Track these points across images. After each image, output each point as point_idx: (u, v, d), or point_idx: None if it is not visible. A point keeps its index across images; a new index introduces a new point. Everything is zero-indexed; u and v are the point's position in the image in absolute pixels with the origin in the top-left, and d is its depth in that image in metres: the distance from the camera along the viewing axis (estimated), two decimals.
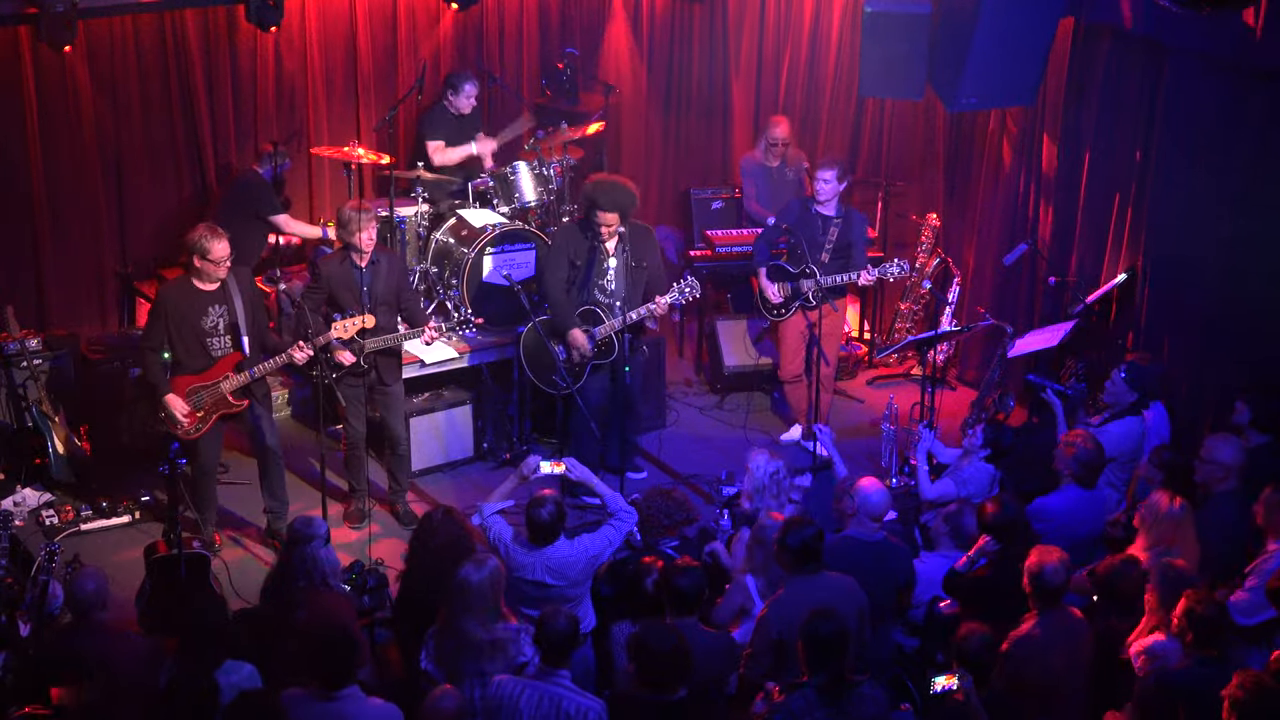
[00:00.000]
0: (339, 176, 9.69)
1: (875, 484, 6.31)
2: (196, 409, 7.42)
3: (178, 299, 7.36)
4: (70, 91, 8.84)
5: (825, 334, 8.79)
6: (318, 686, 5.12)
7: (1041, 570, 5.62)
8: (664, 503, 6.54)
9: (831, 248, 8.67)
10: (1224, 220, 7.56)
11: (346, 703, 5.13)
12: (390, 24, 10.06)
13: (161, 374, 7.38)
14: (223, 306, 7.38)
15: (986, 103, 8.75)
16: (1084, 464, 6.70)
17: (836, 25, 10.48)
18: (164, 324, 7.35)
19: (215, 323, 7.38)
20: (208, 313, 7.36)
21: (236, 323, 7.40)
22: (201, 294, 7.35)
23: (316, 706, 5.10)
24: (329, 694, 5.11)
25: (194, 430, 7.44)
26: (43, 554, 6.46)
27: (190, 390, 7.40)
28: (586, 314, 8.14)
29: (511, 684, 5.31)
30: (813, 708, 5.12)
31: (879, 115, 10.49)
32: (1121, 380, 7.33)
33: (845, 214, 8.73)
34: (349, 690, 5.14)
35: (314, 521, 6.06)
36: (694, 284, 8.12)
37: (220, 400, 7.44)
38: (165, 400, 7.36)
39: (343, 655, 5.14)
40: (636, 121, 11.15)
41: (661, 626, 5.40)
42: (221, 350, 7.43)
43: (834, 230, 8.66)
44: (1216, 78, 7.51)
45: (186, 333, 7.34)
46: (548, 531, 6.15)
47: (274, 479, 7.78)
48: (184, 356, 7.38)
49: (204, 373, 7.42)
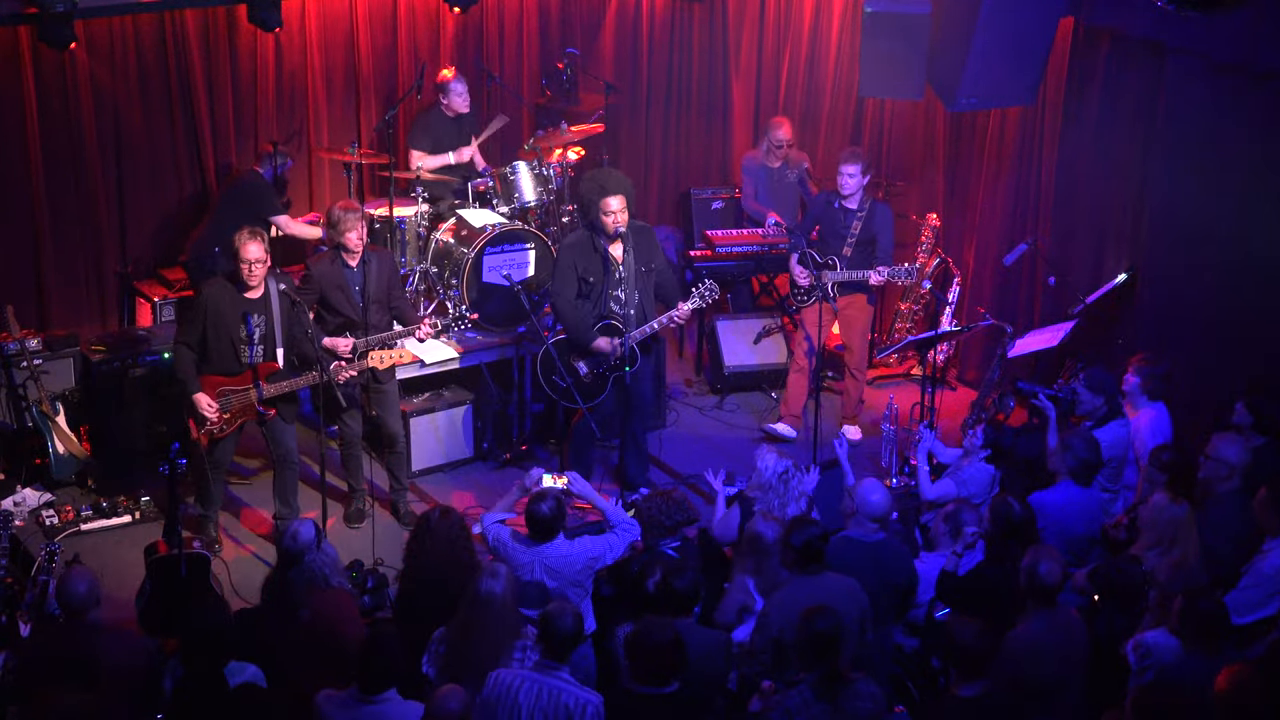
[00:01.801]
0: (339, 176, 9.69)
1: (876, 485, 6.31)
2: (224, 411, 7.40)
3: (220, 300, 7.35)
4: (70, 91, 8.84)
5: (850, 321, 8.87)
6: (358, 690, 5.13)
7: (1037, 569, 5.61)
8: (664, 503, 6.52)
9: (854, 241, 8.69)
10: (1224, 220, 7.57)
11: (388, 706, 5.13)
12: (390, 24, 10.06)
13: (192, 371, 7.37)
14: (261, 316, 7.38)
15: (986, 103, 8.75)
16: (1082, 461, 6.70)
17: (836, 25, 10.48)
18: (202, 322, 7.35)
19: (251, 331, 7.38)
20: (246, 321, 7.36)
21: (273, 334, 7.40)
22: (243, 300, 7.35)
23: (360, 710, 5.11)
24: (369, 698, 5.12)
25: (219, 431, 7.44)
26: (43, 554, 6.45)
27: (220, 392, 7.38)
28: (606, 329, 8.00)
29: (510, 676, 5.29)
30: (808, 705, 5.13)
31: (879, 115, 10.48)
32: (1083, 390, 7.31)
33: (870, 207, 8.75)
34: (389, 694, 5.15)
35: (300, 534, 5.96)
36: (713, 286, 8.07)
37: (248, 407, 7.43)
38: (195, 398, 7.34)
39: (385, 661, 5.14)
40: (636, 121, 11.15)
41: (656, 620, 5.39)
42: (254, 359, 7.42)
43: (856, 223, 8.68)
44: (1216, 78, 7.51)
45: (221, 335, 7.33)
46: (548, 527, 6.14)
47: (288, 487, 7.79)
48: (215, 357, 7.37)
49: (236, 377, 7.40)
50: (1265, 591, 5.94)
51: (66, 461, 8.28)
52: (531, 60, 10.81)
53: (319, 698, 5.18)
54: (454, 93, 9.46)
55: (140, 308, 9.27)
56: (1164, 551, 6.18)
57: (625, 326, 7.99)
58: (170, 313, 9.15)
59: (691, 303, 8.05)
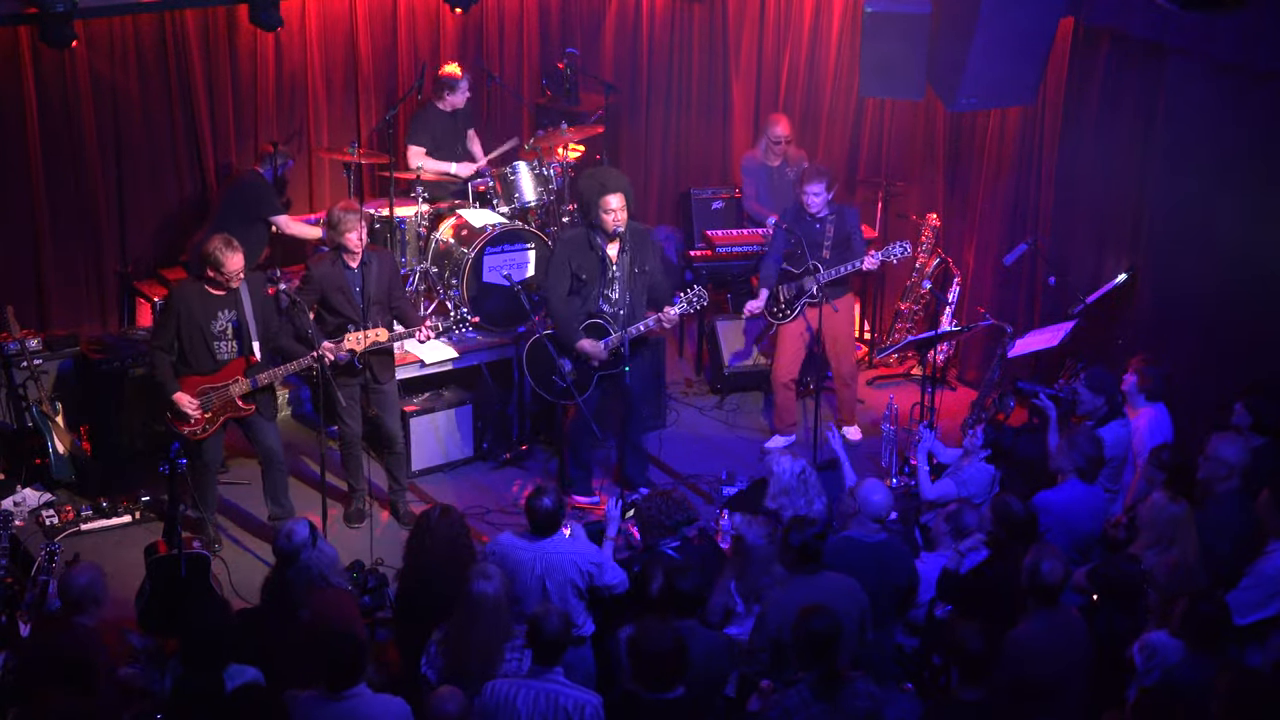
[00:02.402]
0: (339, 176, 9.69)
1: (877, 485, 6.30)
2: (205, 410, 7.43)
3: (189, 300, 7.38)
4: (70, 91, 8.84)
5: (835, 333, 8.82)
6: (326, 688, 5.12)
7: (1039, 568, 5.61)
8: (664, 503, 6.51)
9: (830, 243, 8.69)
10: (1224, 220, 7.56)
11: (356, 702, 5.13)
12: (390, 24, 10.06)
13: (170, 373, 7.40)
14: (232, 311, 7.41)
15: (986, 103, 8.75)
16: (1088, 458, 6.69)
17: (836, 25, 10.47)
18: (174, 324, 7.38)
19: (224, 326, 7.41)
20: (217, 316, 7.39)
21: (246, 327, 7.42)
22: (212, 297, 7.39)
23: (327, 707, 5.10)
24: (337, 695, 5.11)
25: (201, 431, 7.46)
26: (43, 554, 6.46)
27: (200, 391, 7.41)
28: (592, 327, 8.05)
29: (506, 685, 5.29)
30: (807, 704, 5.13)
31: (879, 115, 10.48)
32: (1083, 389, 7.31)
33: (837, 210, 8.77)
34: (357, 689, 5.14)
35: (294, 533, 5.96)
36: (701, 293, 8.06)
37: (229, 403, 7.46)
38: (175, 399, 7.37)
39: (348, 656, 5.13)
40: (636, 121, 11.15)
41: (658, 625, 5.38)
42: (228, 354, 7.45)
43: (829, 227, 8.68)
44: (1216, 78, 7.51)
45: (194, 334, 7.37)
46: (550, 521, 6.14)
47: (277, 486, 7.79)
48: (190, 357, 7.41)
49: (213, 374, 7.43)
50: (1266, 592, 5.93)
51: (66, 461, 8.28)
52: (531, 60, 10.81)
53: (287, 696, 5.16)
54: (461, 90, 9.48)
55: (140, 308, 9.27)
56: (1163, 550, 6.18)
57: (614, 326, 8.01)
58: None
59: (678, 308, 8.04)
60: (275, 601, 6.02)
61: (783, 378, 9.05)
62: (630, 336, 7.96)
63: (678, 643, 5.19)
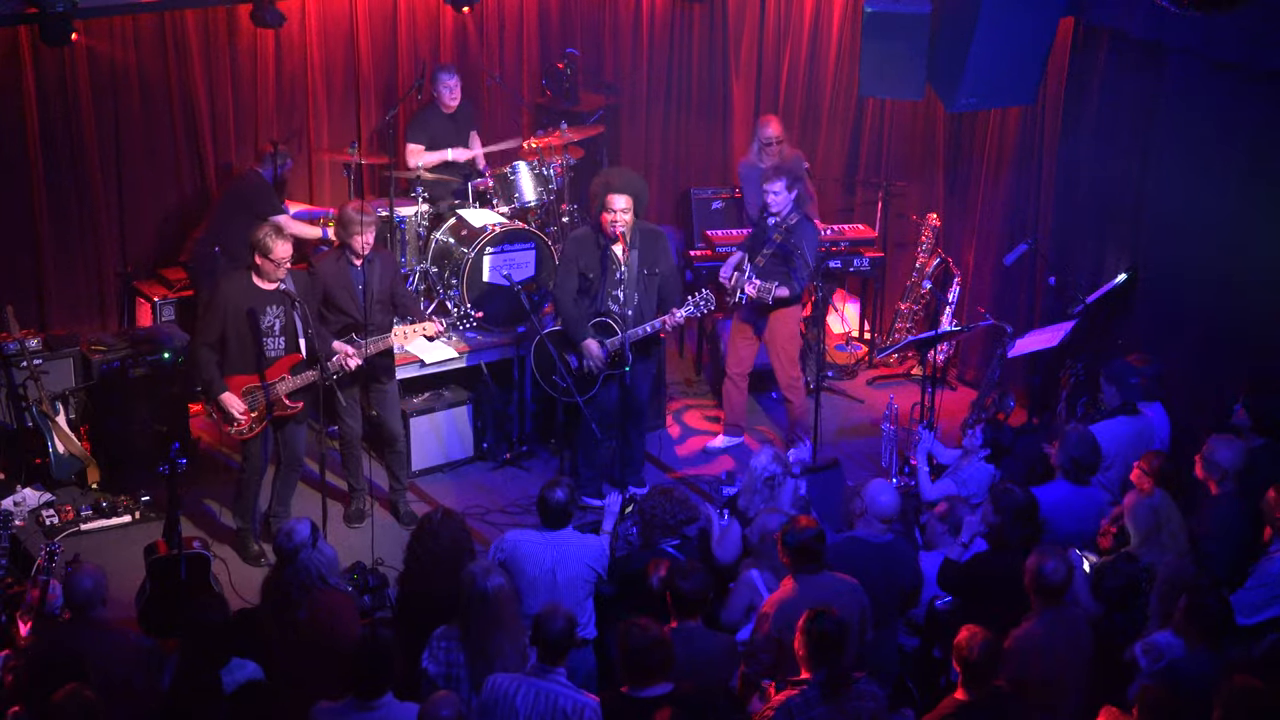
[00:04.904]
0: (339, 176, 9.70)
1: (885, 486, 6.29)
2: (251, 409, 7.33)
3: (238, 295, 7.22)
4: (70, 91, 8.85)
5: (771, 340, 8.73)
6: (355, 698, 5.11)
7: (1043, 569, 5.61)
8: (665, 502, 6.51)
9: (769, 254, 8.49)
10: (1224, 220, 7.56)
11: (384, 711, 5.12)
12: (390, 24, 10.07)
13: (216, 372, 7.24)
14: (280, 307, 7.26)
15: (986, 103, 8.74)
16: (1074, 459, 6.68)
17: (836, 25, 10.47)
18: (221, 320, 7.23)
19: (272, 323, 7.27)
20: (266, 312, 7.24)
21: (294, 324, 7.30)
22: (262, 292, 7.23)
23: (354, 717, 5.10)
24: (367, 704, 5.10)
25: (248, 430, 7.37)
26: (43, 554, 6.44)
27: (246, 390, 7.29)
28: (599, 325, 8.03)
29: (506, 681, 5.28)
30: (811, 705, 5.12)
31: (879, 115, 10.48)
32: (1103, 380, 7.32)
33: (796, 222, 8.48)
34: (385, 699, 5.14)
35: (294, 532, 5.93)
36: (709, 297, 8.00)
37: (276, 402, 7.33)
38: (222, 399, 7.23)
39: (380, 666, 5.13)
40: (636, 121, 11.16)
41: (643, 621, 5.33)
42: (276, 352, 7.32)
43: (776, 235, 8.46)
44: (1216, 78, 7.51)
45: (242, 331, 7.21)
46: (561, 512, 6.14)
47: (287, 488, 7.78)
48: (235, 356, 7.27)
49: (259, 373, 7.31)
50: (1271, 593, 5.94)
51: (66, 461, 8.27)
52: (531, 60, 10.81)
53: (315, 710, 5.15)
54: (440, 83, 9.43)
55: (140, 308, 9.28)
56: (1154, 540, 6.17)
57: (622, 326, 7.98)
58: (170, 313, 9.16)
59: (685, 310, 8.01)
60: (274, 600, 6.03)
61: (730, 369, 8.94)
62: (632, 339, 7.94)
63: (661, 638, 5.19)
